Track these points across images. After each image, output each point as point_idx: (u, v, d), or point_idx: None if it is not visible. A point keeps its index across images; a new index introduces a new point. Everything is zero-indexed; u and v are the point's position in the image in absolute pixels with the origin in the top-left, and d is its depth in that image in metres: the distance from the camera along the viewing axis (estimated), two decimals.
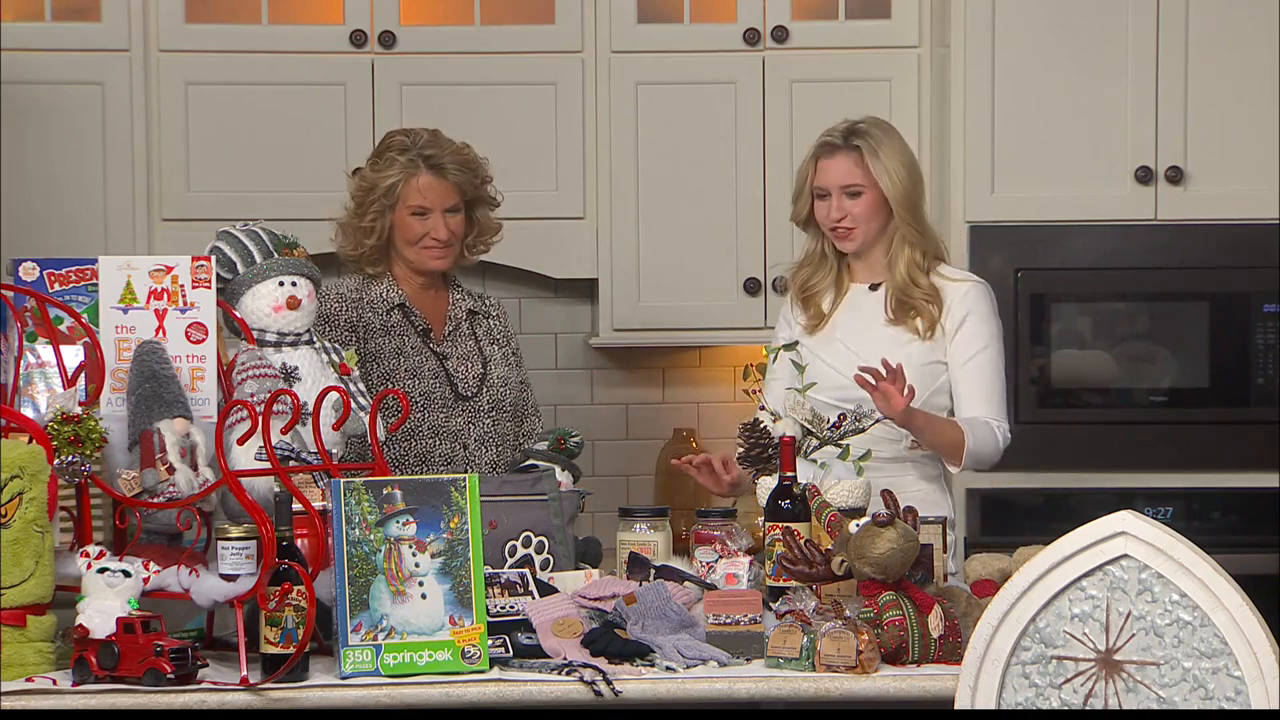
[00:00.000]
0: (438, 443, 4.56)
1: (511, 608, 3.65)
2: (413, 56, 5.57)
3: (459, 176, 4.59)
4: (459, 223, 4.61)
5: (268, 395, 3.65)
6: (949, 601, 3.58)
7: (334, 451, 3.80)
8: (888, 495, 3.66)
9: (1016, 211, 5.37)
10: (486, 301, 4.77)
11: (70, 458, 3.53)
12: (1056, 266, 5.38)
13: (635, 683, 3.43)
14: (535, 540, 3.98)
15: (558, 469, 4.23)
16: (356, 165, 5.48)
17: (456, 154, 4.61)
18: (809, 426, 4.11)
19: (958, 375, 4.38)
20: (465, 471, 4.49)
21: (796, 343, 4.44)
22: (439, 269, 4.64)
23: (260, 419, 3.57)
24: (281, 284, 3.92)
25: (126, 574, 3.44)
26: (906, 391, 4.11)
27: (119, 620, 3.40)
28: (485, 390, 4.63)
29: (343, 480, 3.49)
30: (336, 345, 4.04)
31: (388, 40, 5.54)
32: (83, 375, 3.71)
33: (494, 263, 4.80)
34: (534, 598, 3.70)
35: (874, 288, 4.45)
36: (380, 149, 4.66)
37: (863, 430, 4.15)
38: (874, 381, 4.12)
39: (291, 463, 3.73)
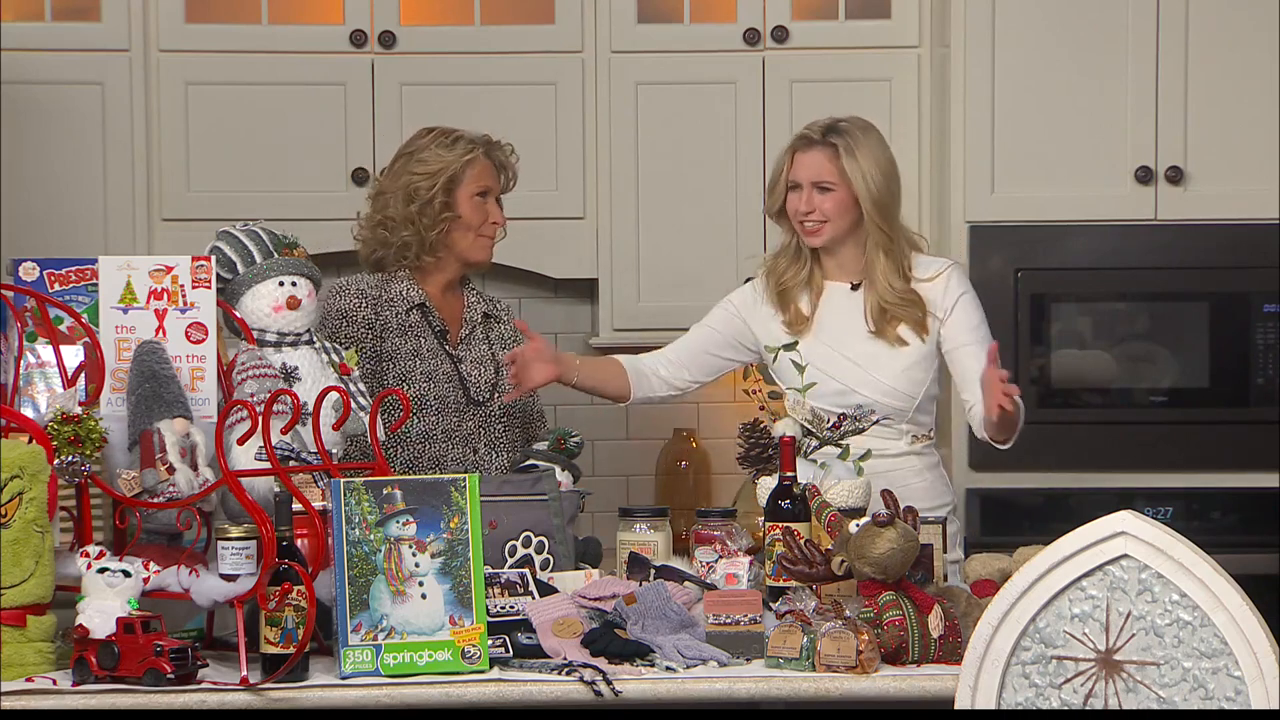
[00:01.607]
0: (450, 447, 4.56)
1: (511, 608, 3.65)
2: (413, 56, 5.56)
3: (505, 173, 4.65)
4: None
5: (268, 395, 3.65)
6: (949, 601, 3.58)
7: (334, 451, 3.80)
8: (888, 495, 3.66)
9: (1016, 211, 5.37)
10: (498, 305, 4.77)
11: (70, 458, 3.53)
12: (1056, 266, 5.38)
13: (635, 683, 3.43)
14: (535, 540, 3.98)
15: (558, 469, 4.22)
16: (357, 165, 5.50)
17: (506, 153, 4.67)
18: (809, 426, 4.11)
19: (961, 354, 4.39)
20: None
21: (796, 342, 4.44)
22: (487, 261, 4.65)
23: (260, 419, 3.57)
24: (281, 284, 3.92)
25: (126, 574, 3.44)
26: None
27: (119, 620, 3.39)
28: (497, 396, 4.62)
29: (343, 480, 3.49)
30: (337, 345, 4.03)
31: (388, 40, 5.53)
32: (83, 375, 3.71)
33: (494, 262, 4.79)
34: (534, 598, 3.69)
35: (855, 287, 4.46)
36: (432, 137, 4.62)
37: (863, 430, 4.16)
38: None
39: (291, 463, 3.73)
